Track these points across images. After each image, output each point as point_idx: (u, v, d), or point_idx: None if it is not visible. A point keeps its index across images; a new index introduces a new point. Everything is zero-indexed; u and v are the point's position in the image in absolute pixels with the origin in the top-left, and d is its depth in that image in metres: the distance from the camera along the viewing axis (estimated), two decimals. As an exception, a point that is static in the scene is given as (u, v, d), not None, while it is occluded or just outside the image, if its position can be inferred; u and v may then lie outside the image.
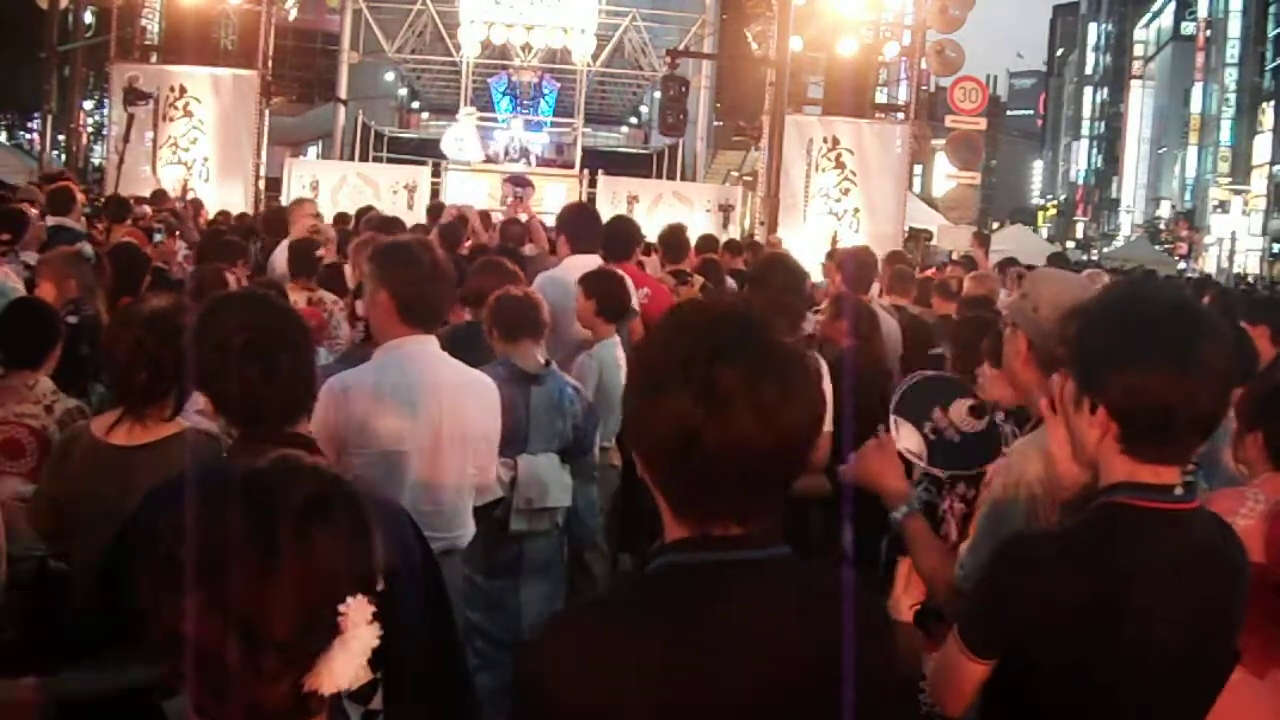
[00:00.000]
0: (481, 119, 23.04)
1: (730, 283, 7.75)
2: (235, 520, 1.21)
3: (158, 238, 7.90)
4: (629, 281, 5.22)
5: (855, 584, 1.78)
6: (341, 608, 1.20)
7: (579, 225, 5.86)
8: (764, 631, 1.46)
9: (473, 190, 16.93)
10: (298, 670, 1.19)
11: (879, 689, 1.57)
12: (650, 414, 1.47)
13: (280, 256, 7.16)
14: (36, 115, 23.37)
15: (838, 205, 14.88)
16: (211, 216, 11.58)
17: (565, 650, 1.45)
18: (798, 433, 1.45)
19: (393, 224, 7.47)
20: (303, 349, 2.16)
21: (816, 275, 8.85)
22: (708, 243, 9.49)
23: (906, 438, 2.83)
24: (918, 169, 27.58)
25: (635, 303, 5.29)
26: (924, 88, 20.61)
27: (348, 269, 6.25)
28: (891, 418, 2.87)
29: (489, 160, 20.37)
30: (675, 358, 1.45)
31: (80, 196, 9.16)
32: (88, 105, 26.00)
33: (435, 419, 3.17)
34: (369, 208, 10.57)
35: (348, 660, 1.20)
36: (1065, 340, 1.93)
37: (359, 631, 1.21)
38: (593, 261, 5.59)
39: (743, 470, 1.44)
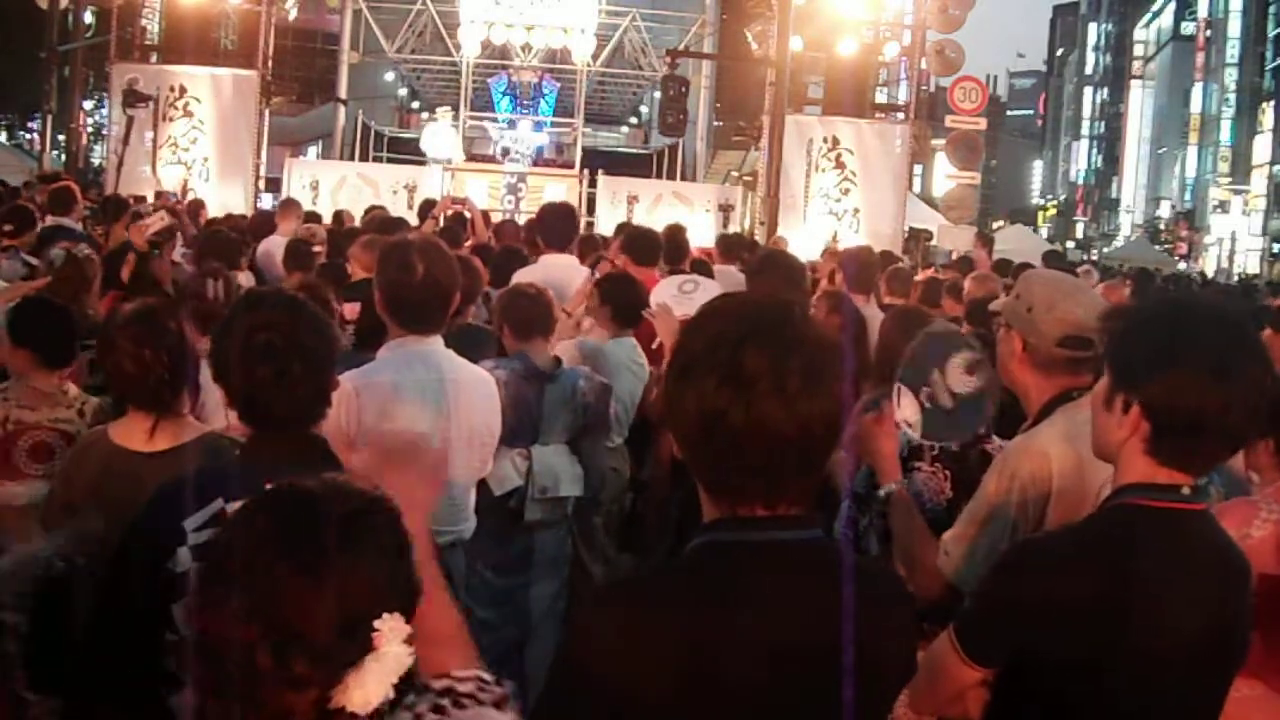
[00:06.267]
0: (482, 119, 23.05)
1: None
2: (278, 530, 1.22)
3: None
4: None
5: (882, 570, 1.80)
6: (377, 624, 1.21)
7: (554, 224, 6.03)
8: (790, 611, 1.49)
9: (473, 190, 16.95)
10: (326, 680, 1.19)
11: (898, 671, 1.62)
12: (680, 395, 1.50)
13: (274, 255, 7.17)
14: (36, 115, 23.33)
15: (838, 205, 14.88)
16: (211, 217, 11.56)
17: (599, 626, 1.49)
18: (821, 421, 1.47)
19: (396, 224, 7.47)
20: (321, 356, 2.16)
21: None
22: (731, 242, 9.49)
23: (906, 407, 2.83)
24: (918, 169, 27.53)
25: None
26: (924, 88, 20.59)
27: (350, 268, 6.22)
28: (895, 385, 2.87)
29: (489, 160, 20.37)
30: (705, 341, 1.50)
31: (80, 197, 9.13)
32: (88, 105, 25.97)
33: (445, 415, 3.21)
34: (378, 207, 10.58)
35: (380, 677, 1.20)
36: (1106, 337, 1.94)
37: (392, 649, 1.21)
38: (568, 260, 5.69)
39: (767, 454, 1.46)
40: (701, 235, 12.95)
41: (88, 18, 18.28)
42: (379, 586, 1.23)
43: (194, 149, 14.83)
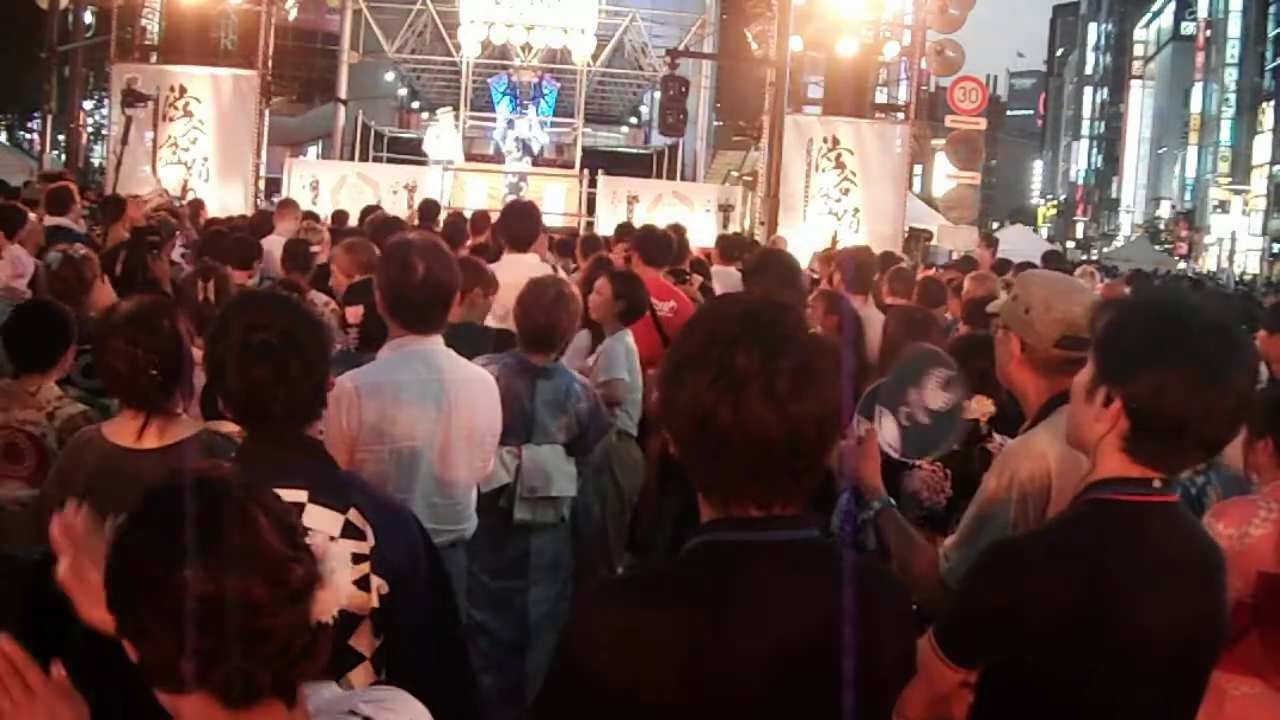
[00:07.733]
0: (482, 119, 23.04)
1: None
2: (193, 500, 1.30)
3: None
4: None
5: (880, 568, 1.79)
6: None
7: (515, 225, 6.13)
8: (786, 611, 1.49)
9: (473, 190, 16.94)
10: (291, 596, 1.27)
11: (897, 671, 1.62)
12: (674, 394, 1.51)
13: (273, 255, 7.17)
14: (36, 115, 23.35)
15: (838, 205, 14.88)
16: (212, 216, 11.56)
17: (597, 626, 1.49)
18: (812, 422, 1.47)
19: (393, 225, 7.47)
20: (317, 356, 2.16)
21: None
22: (730, 243, 9.53)
23: (888, 429, 2.85)
24: (918, 169, 27.59)
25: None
26: (924, 88, 20.63)
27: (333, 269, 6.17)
28: (876, 409, 2.88)
29: (489, 159, 20.35)
30: (699, 341, 1.50)
31: (78, 197, 9.11)
32: (88, 105, 25.98)
33: (446, 415, 3.20)
34: (375, 207, 10.57)
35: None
36: (1095, 328, 1.92)
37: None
38: (530, 259, 5.77)
39: (756, 454, 1.46)
40: (701, 235, 12.96)
41: (88, 18, 18.28)
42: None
43: (194, 149, 14.83)
